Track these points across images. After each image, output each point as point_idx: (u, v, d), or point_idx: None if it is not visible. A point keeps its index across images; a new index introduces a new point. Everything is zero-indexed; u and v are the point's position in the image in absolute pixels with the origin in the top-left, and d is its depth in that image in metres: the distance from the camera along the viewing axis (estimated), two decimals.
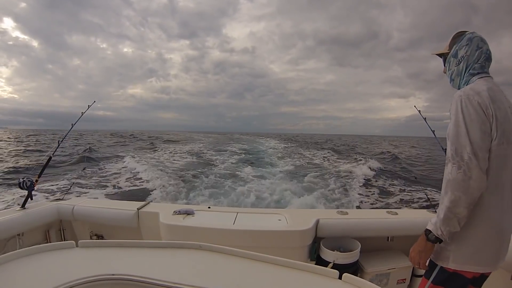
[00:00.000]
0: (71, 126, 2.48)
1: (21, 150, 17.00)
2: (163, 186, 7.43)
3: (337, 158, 15.56)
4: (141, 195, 6.92)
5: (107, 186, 7.76)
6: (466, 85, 1.14)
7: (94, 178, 8.74)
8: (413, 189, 8.43)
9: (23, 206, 2.07)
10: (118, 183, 8.15)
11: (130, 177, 8.54)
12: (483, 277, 1.11)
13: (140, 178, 8.26)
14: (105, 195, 6.98)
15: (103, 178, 8.68)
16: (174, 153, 15.81)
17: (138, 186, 7.64)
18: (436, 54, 1.31)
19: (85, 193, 7.01)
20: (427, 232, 1.08)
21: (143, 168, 9.63)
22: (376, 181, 9.64)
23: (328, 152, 18.81)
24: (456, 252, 1.05)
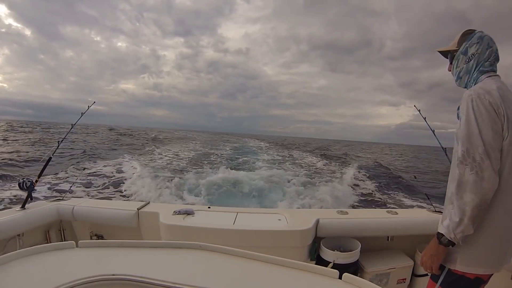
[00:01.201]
0: (71, 126, 2.48)
1: None
2: (162, 187, 7.45)
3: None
4: (141, 195, 6.93)
5: (107, 187, 7.76)
6: (475, 83, 1.13)
7: (94, 178, 8.75)
8: (412, 189, 8.44)
9: (23, 206, 2.07)
10: (118, 183, 8.16)
11: (130, 177, 8.54)
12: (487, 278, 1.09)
13: (139, 179, 8.27)
14: (105, 195, 6.99)
15: (103, 178, 8.69)
16: (170, 153, 15.98)
17: (137, 186, 7.64)
18: (442, 51, 1.29)
19: (85, 192, 7.02)
20: (439, 235, 1.06)
21: (141, 168, 9.67)
22: (376, 181, 9.66)
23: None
24: (464, 254, 1.04)
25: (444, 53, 1.30)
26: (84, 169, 10.23)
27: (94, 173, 9.51)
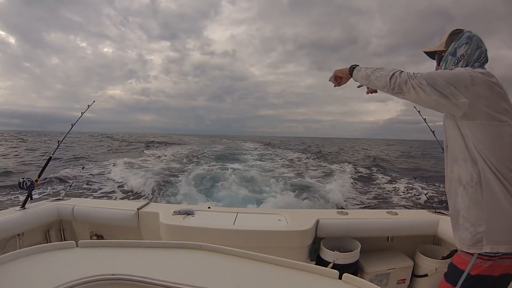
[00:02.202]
0: (71, 126, 2.48)
1: None
2: (160, 186, 7.47)
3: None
4: (141, 195, 6.93)
5: (106, 186, 7.77)
6: None
7: (93, 178, 8.75)
8: (412, 189, 8.44)
9: (23, 206, 2.07)
10: (117, 183, 8.16)
11: (129, 178, 8.55)
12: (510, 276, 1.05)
13: (138, 179, 8.28)
14: (105, 195, 6.99)
15: (102, 178, 8.69)
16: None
17: (137, 186, 7.65)
18: (428, 52, 1.25)
19: (84, 192, 7.02)
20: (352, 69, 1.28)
21: (139, 170, 9.74)
22: (375, 180, 9.66)
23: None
24: (489, 233, 1.00)
25: (431, 54, 1.25)
26: (83, 167, 10.24)
27: (93, 173, 9.52)
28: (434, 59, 1.25)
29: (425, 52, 1.27)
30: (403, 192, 8.19)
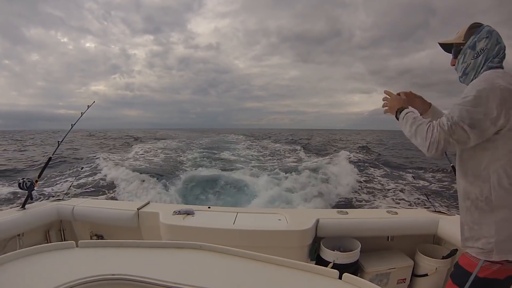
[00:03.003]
0: (70, 126, 2.48)
1: None
2: (162, 185, 7.48)
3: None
4: (140, 195, 6.93)
5: (106, 186, 7.77)
6: None
7: (92, 178, 8.75)
8: (412, 189, 8.44)
9: (23, 206, 2.07)
10: (117, 183, 8.15)
11: (128, 178, 8.55)
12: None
13: (137, 179, 8.28)
14: (105, 195, 6.99)
15: (101, 178, 8.69)
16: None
17: (136, 186, 7.65)
18: (444, 44, 1.23)
19: (85, 192, 7.02)
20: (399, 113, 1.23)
21: (138, 169, 9.77)
22: (373, 181, 9.66)
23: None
24: (499, 239, 1.03)
25: (446, 47, 1.23)
26: (82, 168, 10.24)
27: (93, 174, 9.51)
28: (449, 52, 1.23)
29: (440, 44, 1.24)
30: (403, 191, 8.21)
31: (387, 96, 1.34)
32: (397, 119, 1.24)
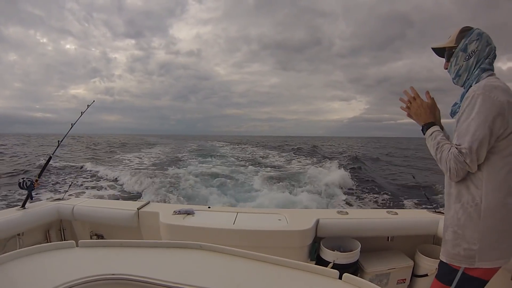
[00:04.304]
0: (70, 126, 2.47)
1: None
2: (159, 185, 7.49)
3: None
4: (140, 195, 6.93)
5: (105, 187, 7.77)
6: (476, 81, 1.12)
7: (92, 178, 8.75)
8: (412, 188, 8.44)
9: (23, 206, 2.07)
10: (117, 183, 8.15)
11: (128, 178, 8.55)
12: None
13: (137, 179, 8.29)
14: (105, 195, 6.99)
15: (101, 178, 8.68)
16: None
17: (136, 186, 7.66)
18: (437, 48, 1.26)
19: (85, 192, 7.02)
20: (425, 129, 1.22)
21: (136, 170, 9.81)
22: (373, 180, 9.66)
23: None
24: (482, 248, 1.06)
25: (439, 51, 1.27)
26: (82, 167, 10.24)
27: (93, 174, 9.51)
28: (441, 56, 1.27)
29: (433, 49, 1.28)
30: (402, 191, 8.21)
31: (410, 99, 1.29)
32: (422, 132, 1.24)
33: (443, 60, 1.26)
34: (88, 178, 8.88)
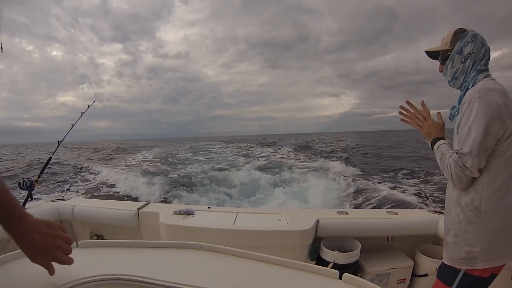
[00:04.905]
0: (71, 126, 2.48)
1: None
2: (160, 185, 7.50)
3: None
4: (140, 195, 6.94)
5: (105, 187, 7.76)
6: (473, 84, 1.12)
7: (92, 178, 8.74)
8: (411, 188, 8.44)
9: (23, 206, 2.07)
10: (117, 183, 8.15)
11: (128, 178, 8.56)
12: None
13: (137, 180, 8.30)
14: (105, 195, 6.99)
15: (101, 179, 8.69)
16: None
17: (136, 186, 7.66)
18: (430, 52, 1.25)
19: (84, 193, 7.02)
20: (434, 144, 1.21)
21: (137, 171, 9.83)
22: (373, 181, 9.66)
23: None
24: (484, 250, 1.07)
25: (432, 54, 1.26)
26: (82, 167, 10.25)
27: (93, 174, 9.51)
28: (435, 59, 1.26)
29: (426, 52, 1.27)
30: (402, 191, 8.21)
31: (421, 119, 1.27)
32: (431, 147, 1.24)
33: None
34: (88, 178, 8.88)
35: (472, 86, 1.12)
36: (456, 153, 1.07)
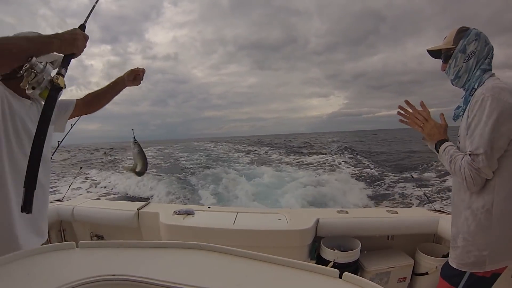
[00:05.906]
0: (71, 126, 2.47)
1: None
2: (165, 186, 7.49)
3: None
4: (140, 195, 6.94)
5: (105, 187, 7.76)
6: (478, 83, 1.10)
7: (92, 178, 8.74)
8: (411, 188, 8.44)
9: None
10: (117, 183, 8.14)
11: (127, 178, 8.55)
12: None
13: (137, 180, 8.30)
14: (105, 195, 6.99)
15: (100, 179, 8.68)
16: None
17: (136, 186, 7.65)
18: (433, 50, 1.24)
19: (84, 193, 7.01)
20: (438, 146, 1.19)
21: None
22: (373, 180, 9.67)
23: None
24: (492, 253, 1.06)
25: (434, 53, 1.24)
26: (81, 168, 10.24)
27: (92, 174, 9.50)
28: (437, 58, 1.24)
29: (428, 51, 1.25)
30: (402, 190, 8.21)
31: (422, 120, 1.24)
32: (436, 150, 1.21)
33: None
34: (87, 179, 8.87)
35: (478, 86, 1.10)
36: (470, 154, 1.04)
